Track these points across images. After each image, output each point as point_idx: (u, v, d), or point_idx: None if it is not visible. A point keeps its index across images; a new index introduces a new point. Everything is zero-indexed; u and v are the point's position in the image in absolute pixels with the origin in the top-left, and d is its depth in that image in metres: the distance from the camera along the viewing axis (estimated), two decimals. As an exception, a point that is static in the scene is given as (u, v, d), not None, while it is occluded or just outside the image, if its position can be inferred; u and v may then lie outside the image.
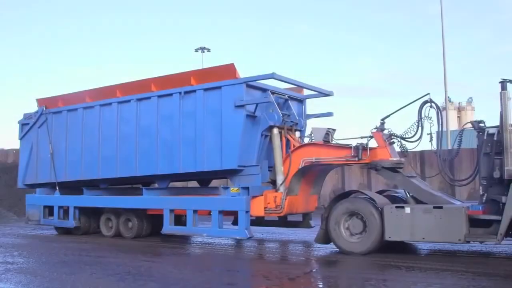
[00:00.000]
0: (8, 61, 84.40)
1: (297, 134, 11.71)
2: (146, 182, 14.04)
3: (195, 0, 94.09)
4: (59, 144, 13.94)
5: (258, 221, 12.02)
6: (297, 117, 11.68)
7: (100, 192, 13.61)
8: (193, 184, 15.59)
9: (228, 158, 10.77)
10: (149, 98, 12.13)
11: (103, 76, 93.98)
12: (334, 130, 11.13)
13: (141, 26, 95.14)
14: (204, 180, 13.91)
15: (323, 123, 12.40)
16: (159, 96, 11.97)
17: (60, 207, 13.84)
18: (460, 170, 16.95)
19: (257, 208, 10.72)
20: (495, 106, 11.05)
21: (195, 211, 11.21)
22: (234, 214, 11.13)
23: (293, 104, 11.89)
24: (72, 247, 11.53)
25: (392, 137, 10.39)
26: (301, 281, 7.74)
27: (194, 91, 11.37)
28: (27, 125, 14.73)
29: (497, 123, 8.98)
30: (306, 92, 12.59)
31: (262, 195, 10.71)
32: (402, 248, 10.00)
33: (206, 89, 11.22)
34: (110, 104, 12.88)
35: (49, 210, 14.23)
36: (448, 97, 35.79)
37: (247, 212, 10.51)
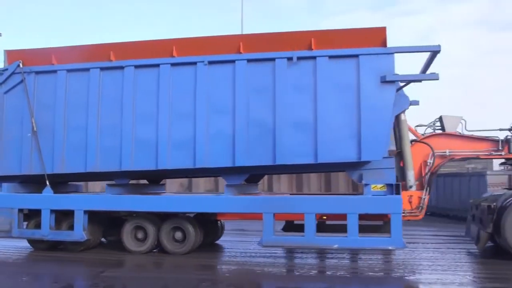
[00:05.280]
0: None
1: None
2: (177, 176, 10.66)
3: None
4: (51, 119, 9.54)
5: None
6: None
7: (121, 190, 9.64)
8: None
9: (370, 147, 8.38)
10: (232, 61, 8.90)
11: None
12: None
13: None
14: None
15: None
16: (250, 61, 8.86)
17: (52, 211, 9.41)
18: None
19: (395, 211, 8.59)
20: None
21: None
22: (368, 218, 8.84)
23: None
24: None
25: None
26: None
27: (313, 57, 8.65)
28: (-16, 89, 9.76)
29: None
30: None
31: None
32: None
33: (332, 57, 8.61)
34: (157, 66, 9.15)
35: (26, 215, 9.65)
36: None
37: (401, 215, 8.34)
